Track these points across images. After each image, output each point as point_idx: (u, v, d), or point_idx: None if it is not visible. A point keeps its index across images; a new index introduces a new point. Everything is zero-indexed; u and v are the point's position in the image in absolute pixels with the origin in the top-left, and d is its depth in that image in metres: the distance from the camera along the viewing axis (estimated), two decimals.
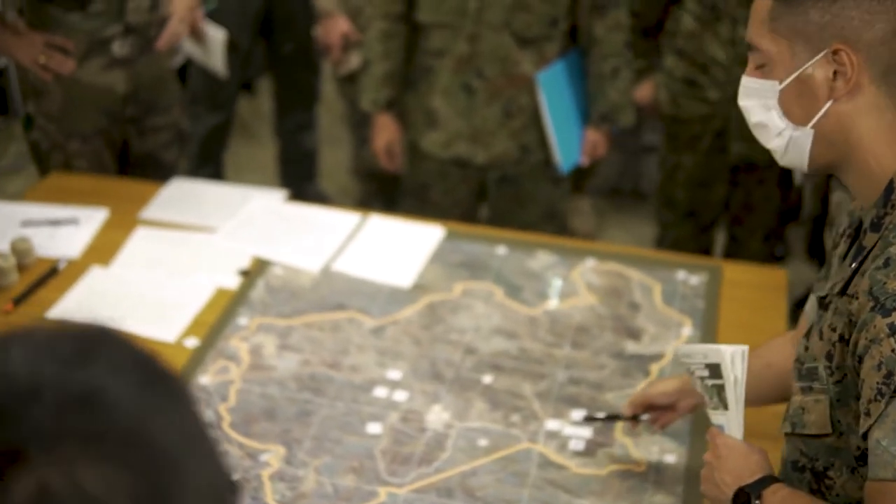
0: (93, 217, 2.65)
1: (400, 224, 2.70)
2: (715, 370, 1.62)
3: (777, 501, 1.49)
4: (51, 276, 2.45)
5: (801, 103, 1.46)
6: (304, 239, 2.62)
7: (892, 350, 1.34)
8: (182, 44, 3.09)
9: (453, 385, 2.19)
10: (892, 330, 1.34)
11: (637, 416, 1.99)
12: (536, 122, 3.04)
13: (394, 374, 2.21)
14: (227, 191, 2.86)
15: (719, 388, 1.62)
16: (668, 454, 2.02)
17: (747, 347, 1.61)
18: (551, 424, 2.09)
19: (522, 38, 2.95)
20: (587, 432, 2.07)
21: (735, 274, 2.56)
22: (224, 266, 2.52)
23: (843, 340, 1.44)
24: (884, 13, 1.41)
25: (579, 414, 2.11)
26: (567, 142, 3.09)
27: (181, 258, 2.54)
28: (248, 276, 2.49)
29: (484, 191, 3.17)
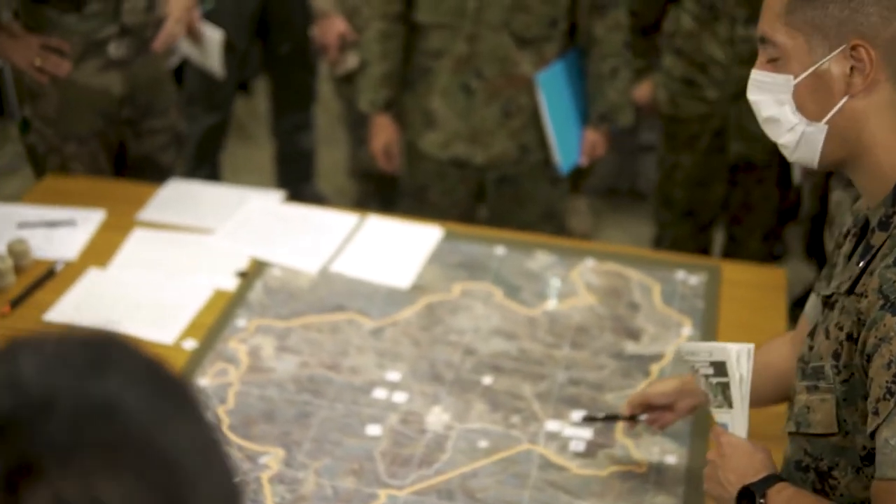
0: (90, 219, 2.64)
1: (398, 225, 2.69)
2: (720, 368, 1.61)
3: (782, 500, 1.49)
4: (48, 278, 2.43)
5: (815, 98, 1.46)
6: (302, 240, 2.61)
7: None
8: (179, 44, 3.08)
9: (453, 386, 2.18)
10: None
11: (635, 416, 1.98)
12: (535, 122, 3.03)
13: (393, 376, 2.20)
14: (225, 192, 2.85)
15: (724, 387, 1.61)
16: (669, 455, 2.01)
17: (753, 346, 1.60)
18: (551, 425, 2.08)
19: (521, 39, 2.94)
20: (587, 433, 2.06)
21: (734, 274, 2.56)
22: (222, 267, 2.51)
23: (851, 339, 1.44)
24: None
25: (579, 415, 2.10)
26: (566, 142, 3.08)
27: (179, 260, 2.53)
28: (246, 277, 2.48)
29: (482, 191, 3.16)
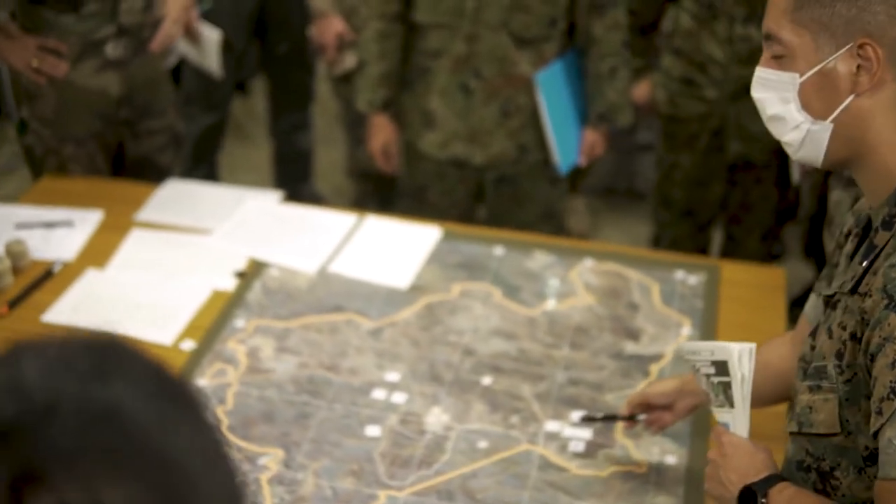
0: (87, 219, 2.64)
1: (397, 225, 2.69)
2: (721, 367, 1.61)
3: (784, 500, 1.48)
4: (46, 278, 2.43)
5: (821, 97, 1.45)
6: (301, 240, 2.61)
7: None
8: (176, 44, 3.08)
9: (452, 387, 2.18)
10: None
11: (634, 416, 1.98)
12: (534, 122, 3.03)
13: (392, 376, 2.19)
14: (223, 192, 2.84)
15: (725, 386, 1.61)
16: (669, 455, 2.01)
17: (755, 345, 1.60)
18: (551, 426, 2.08)
19: (520, 39, 2.94)
20: (587, 433, 2.06)
21: (733, 273, 2.55)
22: (220, 268, 2.50)
23: (854, 338, 1.43)
24: None
25: (578, 415, 2.10)
26: (565, 142, 3.07)
27: (177, 260, 2.52)
28: (245, 277, 2.48)
29: (481, 191, 3.16)
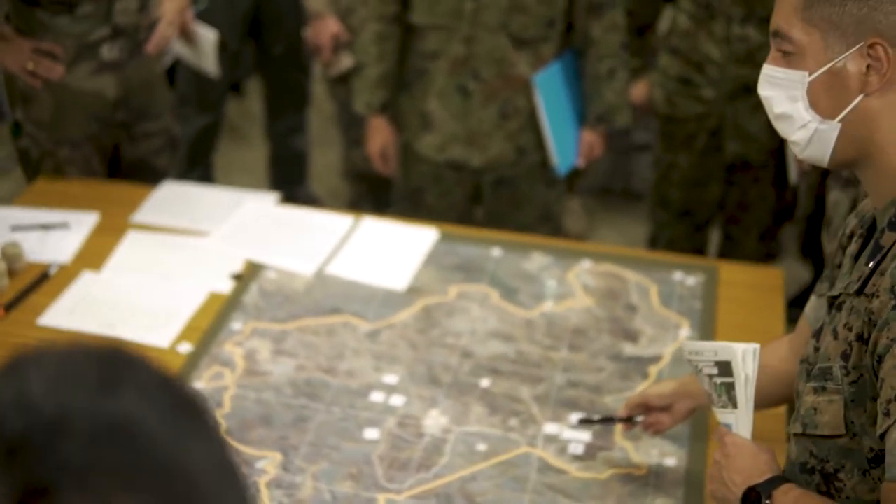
0: (83, 221, 2.63)
1: (393, 226, 2.68)
2: (725, 368, 1.60)
3: (788, 502, 1.48)
4: (42, 281, 2.42)
5: (830, 96, 1.44)
6: (298, 242, 2.60)
7: None
8: (172, 45, 3.06)
9: (451, 389, 2.17)
10: None
11: (632, 418, 1.97)
12: (532, 123, 3.02)
13: (390, 379, 2.19)
14: (219, 194, 2.83)
15: (728, 387, 1.60)
16: (669, 457, 2.00)
17: (759, 346, 1.59)
18: (550, 428, 2.07)
19: (519, 40, 2.93)
20: (586, 436, 2.05)
21: (731, 274, 2.55)
22: (217, 270, 2.49)
23: (861, 340, 1.42)
24: None
25: (577, 417, 2.09)
26: (564, 143, 3.07)
27: (173, 262, 2.51)
28: (242, 280, 2.47)
29: (479, 193, 3.15)
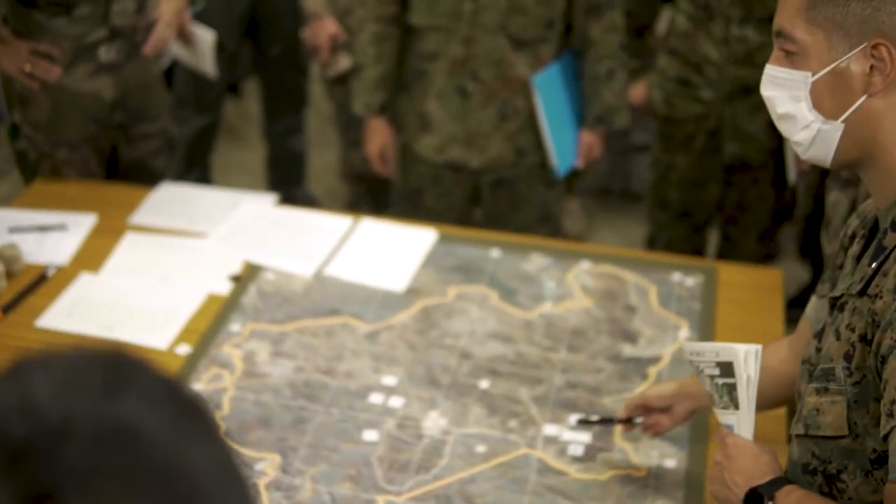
0: (81, 223, 2.62)
1: (392, 227, 2.67)
2: (727, 369, 1.60)
3: (791, 503, 1.47)
4: (40, 282, 2.41)
5: (833, 96, 1.44)
6: (296, 243, 2.59)
7: None
8: (170, 46, 3.06)
9: (450, 390, 2.16)
10: None
11: (631, 419, 1.96)
12: (531, 124, 3.01)
13: (389, 380, 2.18)
14: (217, 195, 2.82)
15: (730, 387, 1.60)
16: (668, 459, 2.00)
17: (761, 347, 1.59)
18: (549, 429, 2.07)
19: (518, 41, 2.92)
20: (586, 437, 2.05)
21: (730, 275, 2.55)
22: (215, 272, 2.49)
23: (864, 340, 1.42)
24: None
25: (576, 418, 2.08)
26: (563, 144, 3.06)
27: (171, 264, 2.50)
28: (240, 281, 2.46)
29: (478, 195, 3.14)
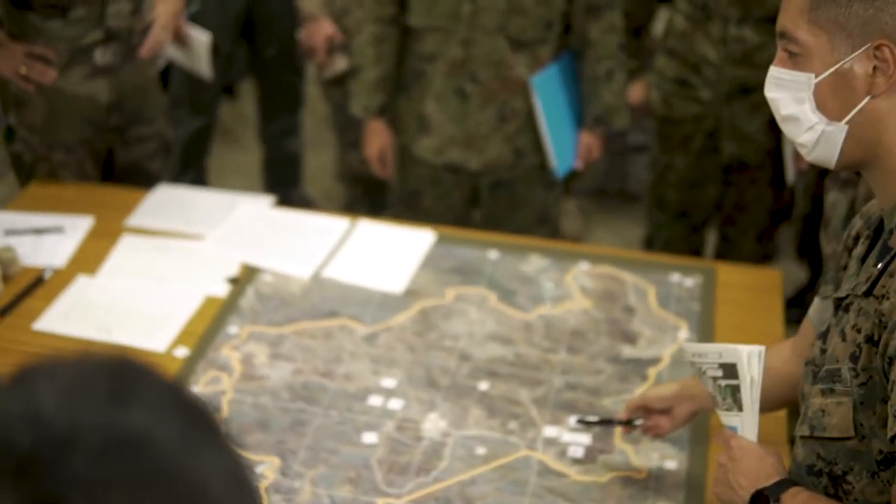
0: (78, 225, 2.61)
1: (390, 229, 2.66)
2: (730, 370, 1.59)
3: None
4: (36, 285, 2.40)
5: (837, 98, 1.43)
6: (294, 245, 2.58)
7: None
8: (165, 48, 3.05)
9: (449, 392, 2.16)
10: None
11: (631, 421, 1.96)
12: (530, 125, 3.00)
13: (388, 382, 2.17)
14: (214, 197, 2.81)
15: (734, 389, 1.59)
16: (669, 460, 1.99)
17: (764, 348, 1.59)
18: (549, 431, 2.06)
19: (517, 42, 2.91)
20: (586, 439, 2.04)
21: (729, 275, 2.54)
22: (212, 274, 2.48)
23: (870, 341, 1.41)
24: None
25: (575, 418, 2.08)
26: (562, 146, 3.05)
27: (168, 266, 2.50)
28: (238, 283, 2.45)
29: (476, 196, 3.13)
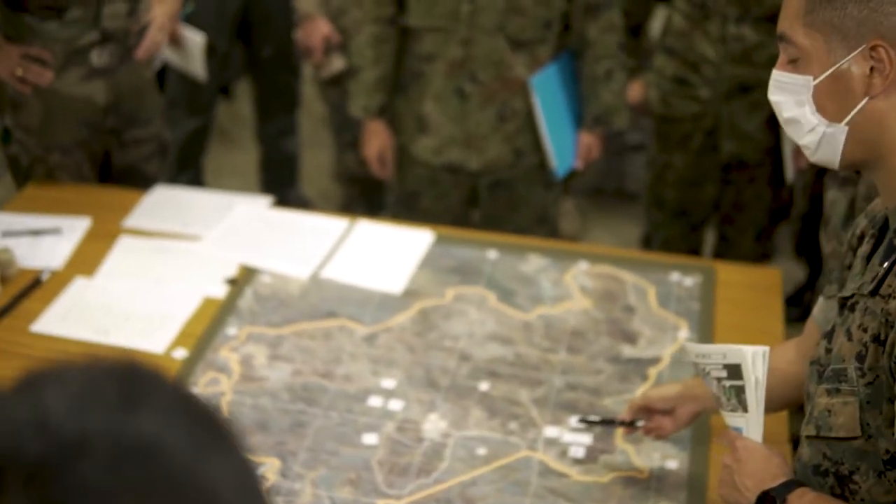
0: (75, 226, 2.60)
1: (389, 229, 2.66)
2: (734, 371, 1.59)
3: None
4: (34, 287, 2.39)
5: (835, 99, 1.43)
6: (292, 246, 2.57)
7: None
8: (161, 49, 3.04)
9: (449, 393, 2.15)
10: None
11: (634, 422, 1.95)
12: (530, 125, 3.00)
13: (388, 383, 2.17)
14: (211, 198, 2.81)
15: (738, 390, 1.59)
16: (670, 460, 1.99)
17: (768, 348, 1.58)
18: (550, 431, 2.06)
19: (516, 42, 2.90)
20: (587, 439, 2.03)
21: (729, 274, 2.54)
22: (210, 275, 2.47)
23: (877, 341, 1.41)
24: None
25: (576, 418, 2.07)
26: (561, 146, 3.05)
27: (166, 267, 2.49)
28: (236, 284, 2.44)
29: (475, 196, 3.12)
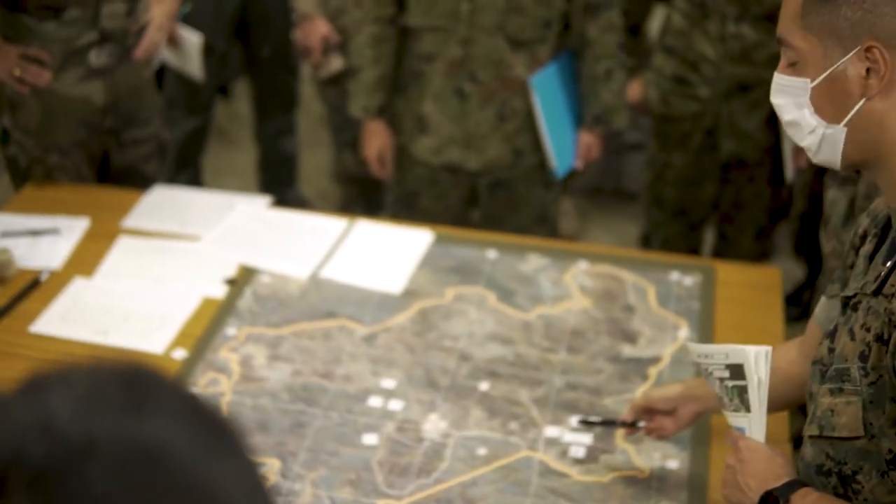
0: (74, 227, 2.59)
1: (388, 229, 2.65)
2: (737, 371, 1.59)
3: None
4: (33, 287, 2.38)
5: (833, 101, 1.43)
6: (291, 246, 2.57)
7: None
8: (159, 50, 3.03)
9: (449, 393, 2.15)
10: None
11: (635, 423, 1.95)
12: (529, 125, 2.99)
13: (388, 383, 2.16)
14: (210, 198, 2.80)
15: (741, 390, 1.59)
16: (671, 460, 1.99)
17: (771, 348, 1.58)
18: (550, 431, 2.05)
19: (516, 41, 2.90)
20: (587, 439, 2.03)
21: (728, 274, 2.54)
22: (210, 275, 2.46)
23: (880, 340, 1.41)
24: None
25: (577, 419, 2.07)
26: (561, 145, 3.04)
27: (165, 267, 2.48)
28: (235, 284, 2.44)
29: (475, 196, 3.12)
